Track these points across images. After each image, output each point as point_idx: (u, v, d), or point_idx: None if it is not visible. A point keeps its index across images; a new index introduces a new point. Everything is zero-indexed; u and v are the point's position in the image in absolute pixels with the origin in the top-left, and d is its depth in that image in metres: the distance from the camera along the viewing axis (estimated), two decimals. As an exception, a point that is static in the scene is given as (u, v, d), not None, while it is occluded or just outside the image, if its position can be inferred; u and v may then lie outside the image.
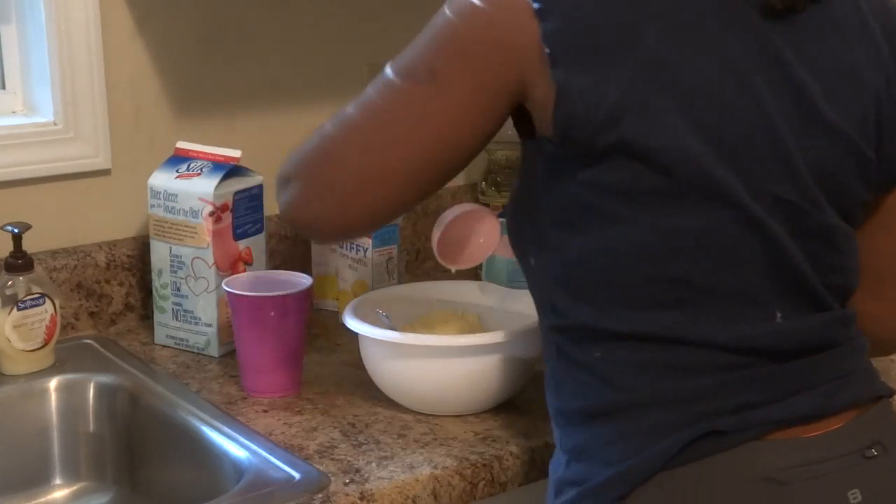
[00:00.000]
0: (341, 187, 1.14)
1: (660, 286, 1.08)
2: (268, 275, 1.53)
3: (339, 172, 1.15)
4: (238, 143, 1.64)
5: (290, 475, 1.24)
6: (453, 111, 1.10)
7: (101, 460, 1.49)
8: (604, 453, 1.10)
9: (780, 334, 1.10)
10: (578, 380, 1.12)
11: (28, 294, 1.49)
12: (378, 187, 1.13)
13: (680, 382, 1.08)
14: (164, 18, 1.70)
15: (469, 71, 1.09)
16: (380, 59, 1.89)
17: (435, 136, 1.11)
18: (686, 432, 1.06)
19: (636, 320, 1.08)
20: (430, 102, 1.10)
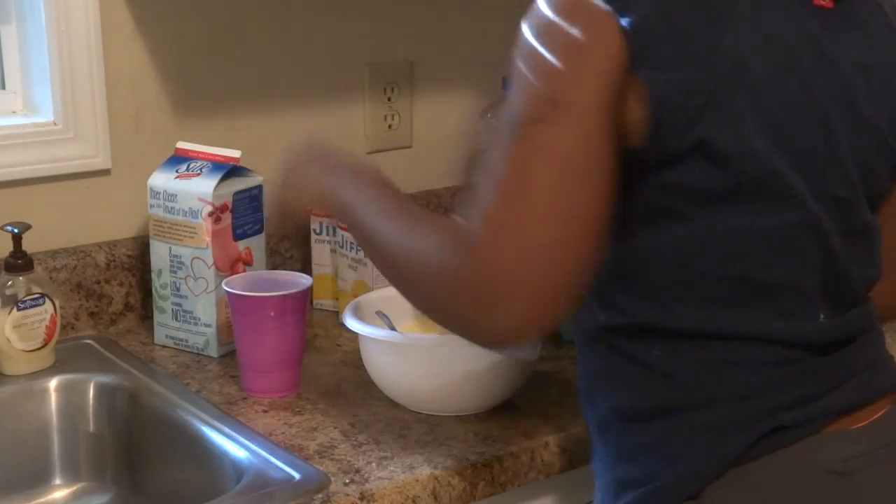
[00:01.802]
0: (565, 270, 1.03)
1: (723, 284, 1.08)
2: (268, 275, 1.53)
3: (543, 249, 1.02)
4: (238, 143, 1.64)
5: (290, 475, 1.24)
6: (597, 134, 1.03)
7: (101, 460, 1.49)
8: (669, 451, 1.10)
9: (823, 330, 1.12)
10: (637, 378, 1.12)
11: (28, 294, 1.49)
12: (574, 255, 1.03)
13: (742, 378, 1.09)
14: (164, 18, 1.70)
15: (590, 89, 1.03)
16: (380, 59, 1.91)
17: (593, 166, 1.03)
18: (754, 428, 1.08)
19: (698, 318, 1.08)
20: (575, 134, 1.03)
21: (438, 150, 2.00)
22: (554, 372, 1.50)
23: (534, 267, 1.01)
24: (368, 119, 1.92)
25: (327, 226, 1.74)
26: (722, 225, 1.07)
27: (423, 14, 1.95)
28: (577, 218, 1.02)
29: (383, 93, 1.92)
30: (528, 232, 1.01)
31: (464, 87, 1.99)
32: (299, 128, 1.85)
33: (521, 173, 1.02)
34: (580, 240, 1.02)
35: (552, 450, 1.33)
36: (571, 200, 1.02)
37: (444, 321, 1.09)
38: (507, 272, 1.01)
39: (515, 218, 1.01)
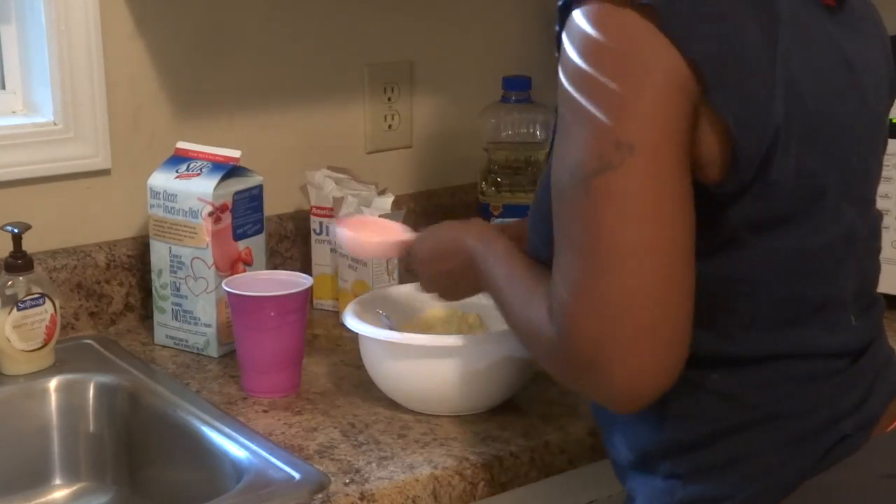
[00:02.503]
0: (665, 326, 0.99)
1: (779, 306, 1.08)
2: (268, 275, 1.53)
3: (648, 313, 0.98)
4: (238, 143, 1.64)
5: (290, 475, 1.24)
6: (671, 176, 0.98)
7: (101, 460, 1.49)
8: (739, 469, 1.09)
9: (857, 334, 1.12)
10: (695, 402, 1.10)
11: (28, 294, 1.49)
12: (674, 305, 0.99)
13: (801, 392, 1.09)
14: (164, 18, 1.70)
15: (659, 127, 0.98)
16: (380, 59, 1.91)
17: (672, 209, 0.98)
18: (822, 440, 1.08)
19: (756, 341, 1.08)
20: (645, 178, 0.97)
21: (438, 150, 2.00)
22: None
23: (626, 325, 0.97)
24: (368, 119, 1.92)
25: (327, 226, 1.74)
26: (779, 248, 1.06)
27: (423, 14, 1.95)
28: (664, 262, 0.97)
29: (383, 93, 1.92)
30: (611, 293, 0.96)
31: (464, 87, 2.00)
32: (299, 128, 1.85)
33: (594, 231, 0.97)
34: (671, 282, 0.98)
35: (552, 450, 1.33)
36: (649, 245, 0.97)
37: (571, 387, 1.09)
38: (592, 338, 0.97)
39: (597, 280, 0.97)
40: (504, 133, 1.90)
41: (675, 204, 0.98)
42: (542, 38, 2.07)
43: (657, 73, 0.97)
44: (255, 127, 1.80)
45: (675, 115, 0.98)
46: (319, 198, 1.74)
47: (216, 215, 1.53)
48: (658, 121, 0.97)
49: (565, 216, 1.00)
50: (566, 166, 1.00)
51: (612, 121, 0.97)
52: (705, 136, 1.00)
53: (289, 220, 1.82)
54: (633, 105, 0.97)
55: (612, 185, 0.97)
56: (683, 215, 0.99)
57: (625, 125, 0.97)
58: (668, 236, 0.98)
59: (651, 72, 0.97)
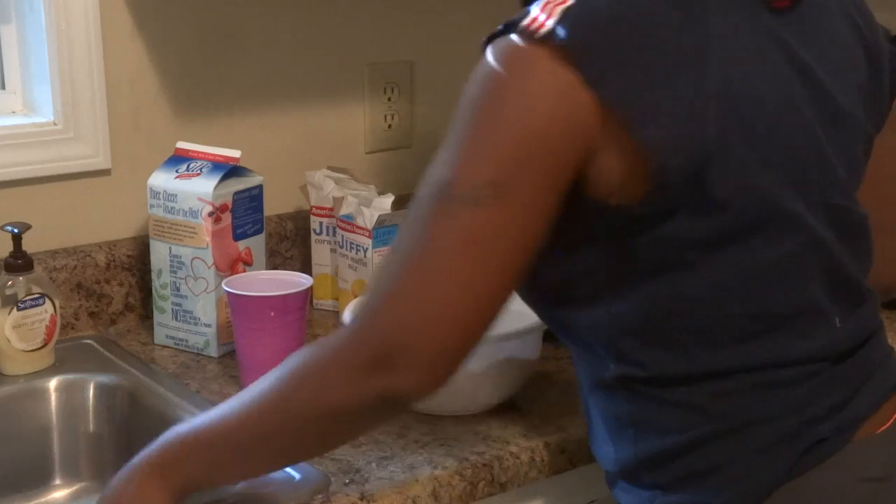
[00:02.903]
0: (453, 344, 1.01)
1: (738, 322, 1.07)
2: (268, 275, 1.53)
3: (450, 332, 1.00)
4: (238, 143, 1.64)
5: (290, 475, 1.24)
6: (532, 220, 1.00)
7: (101, 460, 1.49)
8: (713, 478, 1.09)
9: (842, 337, 1.11)
10: (668, 417, 1.10)
11: (28, 294, 1.49)
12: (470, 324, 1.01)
13: (771, 400, 1.08)
14: (164, 18, 1.70)
15: (539, 171, 0.99)
16: (380, 59, 1.91)
17: (519, 252, 1.01)
18: (796, 444, 1.07)
19: (718, 357, 1.08)
20: (508, 223, 0.99)
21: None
22: (554, 372, 1.50)
23: (425, 332, 0.99)
24: (368, 119, 1.92)
25: (327, 226, 1.74)
26: (732, 266, 1.05)
27: (423, 14, 1.95)
28: (481, 300, 1.00)
29: (383, 93, 1.92)
30: (431, 306, 0.99)
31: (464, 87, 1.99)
32: (299, 128, 1.85)
33: (440, 250, 0.99)
34: (479, 313, 1.01)
35: (552, 450, 1.33)
36: (479, 282, 0.99)
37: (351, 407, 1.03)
38: (398, 333, 0.99)
39: (421, 289, 0.99)
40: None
41: (516, 257, 1.01)
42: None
43: (556, 116, 0.98)
44: (255, 127, 1.80)
45: (561, 164, 0.99)
46: (319, 198, 1.74)
47: (216, 215, 1.53)
48: (541, 166, 0.99)
49: (415, 221, 1.01)
50: (436, 179, 1.01)
51: (493, 156, 0.98)
52: (623, 163, 1.00)
53: (289, 220, 1.82)
54: (521, 146, 0.98)
55: (473, 219, 0.98)
56: (522, 260, 1.01)
57: (505, 165, 0.98)
58: (496, 280, 1.00)
59: (547, 115, 0.98)
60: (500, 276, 1.01)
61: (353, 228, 1.66)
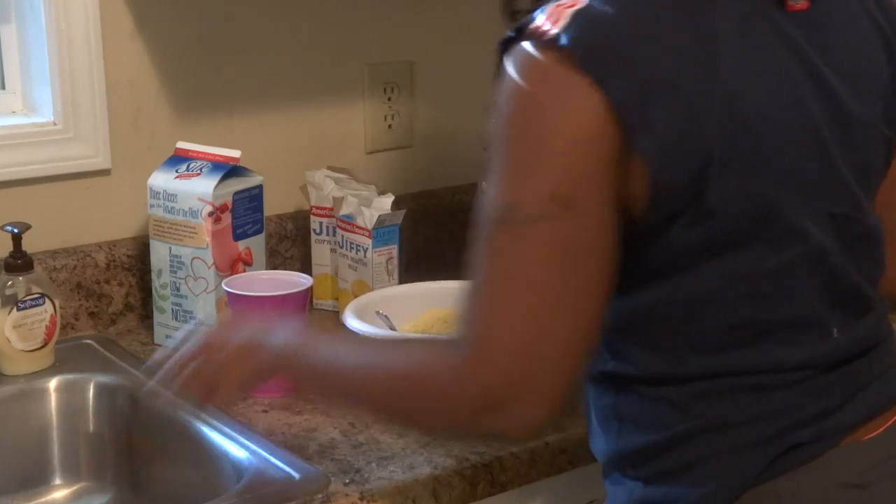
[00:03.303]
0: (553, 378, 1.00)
1: (730, 329, 1.07)
2: (268, 275, 1.53)
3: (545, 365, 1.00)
4: (238, 143, 1.64)
5: (290, 475, 1.24)
6: (602, 223, 1.00)
7: (101, 460, 1.49)
8: (689, 475, 1.09)
9: (838, 348, 1.11)
10: (650, 413, 1.11)
11: (28, 294, 1.49)
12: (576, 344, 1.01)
13: (754, 403, 1.08)
14: (164, 18, 1.69)
15: (593, 175, 0.99)
16: (380, 59, 1.91)
17: (601, 258, 1.00)
18: (771, 448, 1.07)
19: (709, 362, 1.08)
20: (582, 230, 0.99)
21: (438, 150, 2.00)
22: (554, 372, 1.49)
23: (534, 365, 0.98)
24: (368, 119, 1.92)
25: (327, 226, 1.74)
26: (728, 273, 1.05)
27: (423, 14, 1.95)
28: (577, 315, 1.00)
29: (383, 93, 1.92)
30: (528, 336, 0.98)
31: (464, 87, 1.99)
32: (299, 128, 1.85)
33: (521, 275, 0.99)
34: (580, 332, 1.00)
35: (552, 450, 1.33)
36: (572, 300, 0.99)
37: (462, 434, 1.09)
38: (507, 374, 0.98)
39: (516, 322, 0.98)
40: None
41: (598, 264, 1.00)
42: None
43: (581, 120, 0.98)
44: (255, 127, 1.80)
45: (602, 161, 0.99)
46: (319, 198, 1.74)
47: (216, 215, 1.53)
48: (590, 171, 0.98)
49: (487, 251, 1.00)
50: (496, 204, 1.00)
51: (547, 169, 0.98)
52: (630, 174, 1.00)
53: (289, 220, 1.82)
54: (569, 154, 0.98)
55: (541, 235, 0.98)
56: (602, 274, 1.01)
57: (558, 176, 0.98)
58: (585, 293, 1.00)
59: (573, 120, 0.98)
60: (589, 286, 1.00)
61: (353, 228, 1.66)
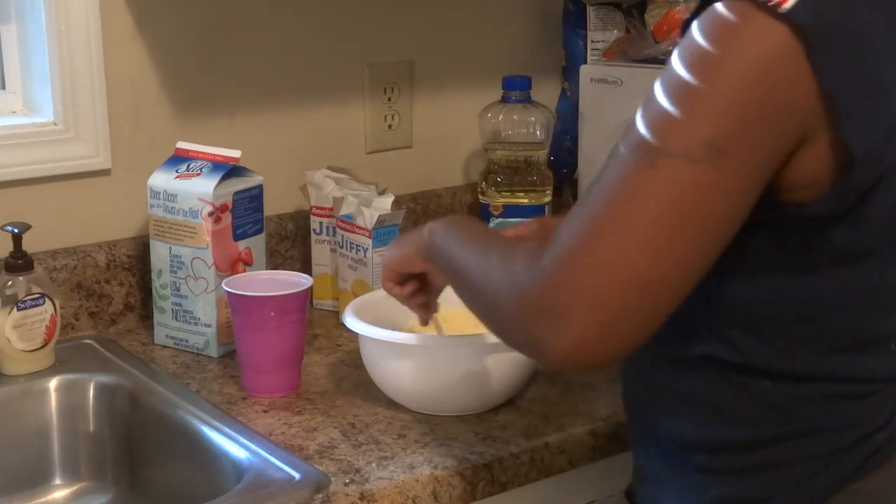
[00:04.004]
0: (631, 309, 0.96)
1: (839, 336, 1.08)
2: (268, 275, 1.53)
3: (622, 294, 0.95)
4: (238, 143, 1.64)
5: (290, 475, 1.24)
6: (742, 191, 0.96)
7: (101, 460, 1.49)
8: (775, 475, 1.10)
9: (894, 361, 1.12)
10: (743, 406, 1.10)
11: (28, 294, 1.49)
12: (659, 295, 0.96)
13: (842, 410, 1.09)
14: (164, 18, 1.70)
15: (757, 140, 0.94)
16: (380, 59, 1.91)
17: (725, 224, 0.96)
18: (856, 453, 1.09)
19: (810, 362, 1.08)
20: (718, 186, 0.94)
21: (438, 150, 2.00)
22: (554, 372, 1.49)
23: (609, 287, 0.94)
24: (368, 119, 1.92)
25: (327, 226, 1.74)
26: (855, 282, 1.05)
27: (423, 14, 1.95)
28: (677, 264, 0.95)
29: (383, 93, 1.92)
30: (622, 262, 0.94)
31: (464, 87, 2.00)
32: (299, 128, 1.85)
33: (639, 202, 0.94)
34: (669, 287, 0.96)
35: (552, 450, 1.33)
36: (679, 246, 0.95)
37: (510, 337, 1.04)
38: (575, 285, 0.95)
39: (612, 245, 0.95)
40: (504, 133, 1.90)
41: (719, 224, 0.96)
42: (542, 38, 2.08)
43: (784, 94, 0.94)
44: (255, 127, 1.80)
45: (780, 141, 0.95)
46: (319, 198, 1.74)
47: (216, 215, 1.53)
48: (759, 140, 0.95)
49: (616, 169, 0.96)
50: (646, 128, 0.95)
51: (713, 114, 0.94)
52: (812, 162, 0.98)
53: (289, 220, 1.82)
54: (744, 114, 0.94)
55: (680, 174, 0.94)
56: (718, 235, 0.97)
57: (725, 129, 0.94)
58: (695, 245, 0.96)
59: (778, 91, 0.94)
60: (700, 244, 0.96)
61: (353, 228, 1.66)
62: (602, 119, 1.86)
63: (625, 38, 1.95)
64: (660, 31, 1.88)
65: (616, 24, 1.99)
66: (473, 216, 1.90)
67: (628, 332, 0.97)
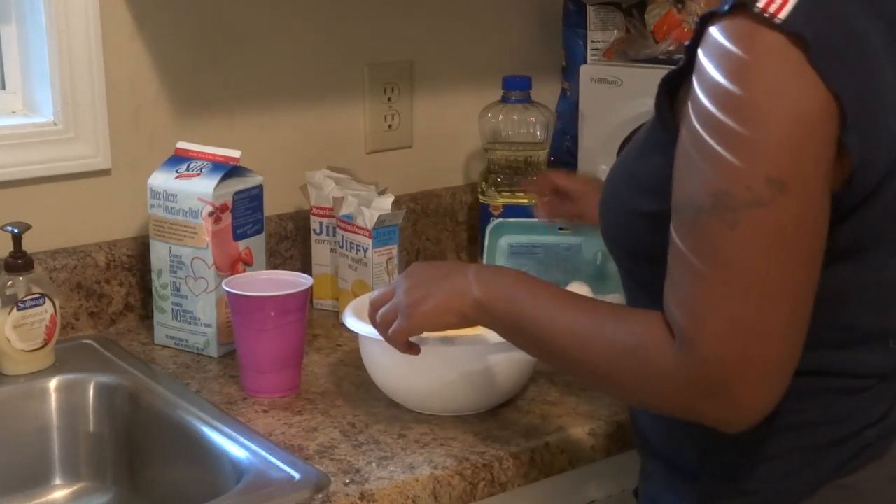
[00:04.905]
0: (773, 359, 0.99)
1: (833, 331, 1.08)
2: (268, 275, 1.53)
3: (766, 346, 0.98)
4: (238, 143, 1.64)
5: (290, 475, 1.24)
6: (815, 210, 0.98)
7: (101, 460, 1.49)
8: (766, 468, 1.11)
9: (893, 359, 1.13)
10: None
11: (28, 294, 1.49)
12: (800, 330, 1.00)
13: (833, 405, 1.10)
14: (164, 18, 1.70)
15: (810, 159, 0.96)
16: (380, 59, 1.91)
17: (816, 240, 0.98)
18: (845, 447, 1.10)
19: (814, 358, 1.07)
20: (796, 215, 0.96)
21: (438, 150, 2.00)
22: (554, 372, 1.49)
23: (758, 352, 0.97)
24: (368, 119, 1.92)
25: (327, 226, 1.74)
26: (849, 279, 1.06)
27: (423, 14, 1.95)
28: (796, 299, 0.98)
29: (383, 93, 1.92)
30: (749, 322, 0.97)
31: (464, 87, 1.99)
32: (299, 128, 1.85)
33: (738, 262, 0.96)
34: (799, 317, 0.99)
35: (552, 450, 1.33)
36: (791, 283, 0.97)
37: (676, 415, 1.05)
38: (726, 362, 0.97)
39: (737, 309, 0.97)
40: (504, 133, 1.90)
41: (815, 245, 0.98)
42: (542, 38, 2.08)
43: (806, 104, 0.95)
44: (255, 127, 1.80)
45: (822, 149, 0.96)
46: (319, 198, 1.74)
47: (216, 215, 1.53)
48: (807, 156, 0.96)
49: (698, 241, 0.98)
50: (706, 191, 0.97)
51: (760, 153, 0.95)
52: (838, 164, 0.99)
53: (289, 220, 1.82)
54: (783, 138, 0.95)
55: (760, 221, 0.95)
56: (818, 255, 0.99)
57: (775, 159, 0.95)
58: (803, 275, 0.98)
59: (800, 103, 0.95)
60: (810, 271, 0.99)
61: (353, 228, 1.66)
62: (602, 119, 1.86)
63: (625, 38, 1.95)
64: (660, 31, 1.88)
65: (616, 24, 1.99)
66: (474, 215, 1.90)
67: (789, 371, 1.00)
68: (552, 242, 1.63)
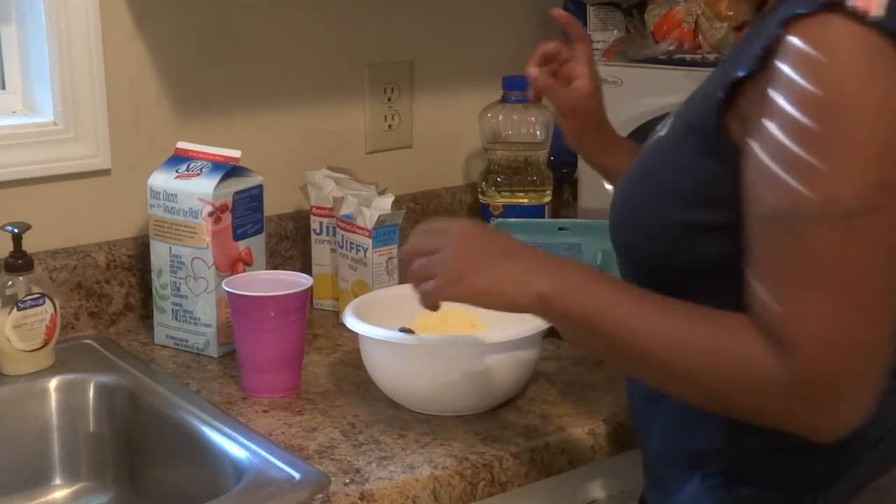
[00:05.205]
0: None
1: None
2: (268, 275, 1.53)
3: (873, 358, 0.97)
4: (238, 143, 1.64)
5: (290, 475, 1.24)
6: None
7: (101, 460, 1.49)
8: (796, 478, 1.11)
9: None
10: None
11: (28, 294, 1.49)
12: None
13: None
14: (164, 18, 1.70)
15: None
16: (380, 59, 1.91)
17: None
18: (879, 449, 1.10)
19: None
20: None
21: (438, 150, 2.00)
22: (554, 372, 1.50)
23: (866, 364, 0.96)
24: (368, 119, 1.92)
25: (327, 226, 1.74)
26: None
27: (423, 14, 1.95)
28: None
29: (383, 93, 1.92)
30: (862, 334, 0.95)
31: (464, 87, 2.00)
32: (299, 128, 1.85)
33: (853, 271, 0.94)
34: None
35: (552, 450, 1.33)
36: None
37: (766, 423, 1.03)
38: (840, 374, 0.95)
39: (851, 320, 0.95)
40: (504, 133, 1.90)
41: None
42: (543, 38, 2.07)
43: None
44: (255, 127, 1.80)
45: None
46: (319, 198, 1.74)
47: (216, 215, 1.53)
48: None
49: (803, 250, 0.95)
50: (810, 200, 0.94)
51: (868, 156, 0.93)
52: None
53: (289, 220, 1.82)
54: (892, 140, 0.94)
55: (879, 227, 0.94)
56: None
57: (884, 162, 0.93)
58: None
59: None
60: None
61: (353, 228, 1.66)
62: (602, 119, 1.86)
63: (625, 38, 1.95)
64: (660, 31, 1.88)
65: (616, 24, 1.99)
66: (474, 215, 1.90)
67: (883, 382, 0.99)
68: (552, 242, 1.63)
